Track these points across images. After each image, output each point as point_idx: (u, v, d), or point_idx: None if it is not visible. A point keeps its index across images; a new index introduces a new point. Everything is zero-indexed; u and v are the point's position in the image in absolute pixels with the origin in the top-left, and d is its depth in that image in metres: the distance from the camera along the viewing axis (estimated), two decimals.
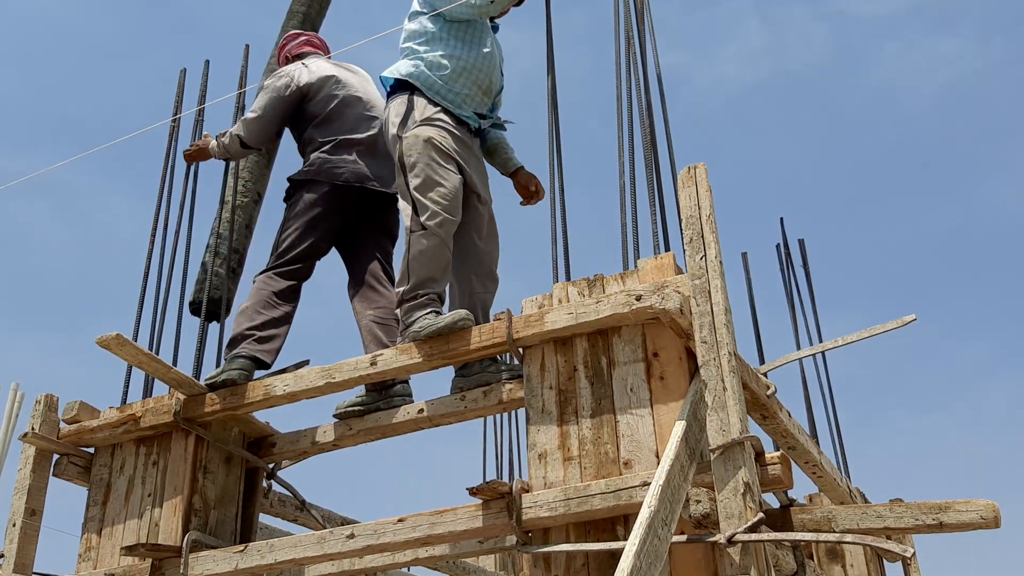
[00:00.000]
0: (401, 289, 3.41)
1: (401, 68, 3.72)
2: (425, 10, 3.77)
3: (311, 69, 4.11)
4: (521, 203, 3.96)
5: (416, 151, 3.52)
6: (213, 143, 4.20)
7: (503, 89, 3.91)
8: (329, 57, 4.39)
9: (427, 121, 3.58)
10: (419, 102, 3.63)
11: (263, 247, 4.26)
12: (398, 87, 3.72)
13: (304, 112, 4.07)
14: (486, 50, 3.75)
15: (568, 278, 3.21)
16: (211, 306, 3.96)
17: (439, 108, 3.62)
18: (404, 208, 3.53)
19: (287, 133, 4.24)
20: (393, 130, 3.63)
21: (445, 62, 3.66)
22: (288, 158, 4.37)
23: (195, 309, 3.99)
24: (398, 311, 3.43)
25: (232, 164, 4.25)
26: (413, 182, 3.49)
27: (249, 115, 4.08)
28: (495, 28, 3.98)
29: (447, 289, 3.50)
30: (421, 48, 3.72)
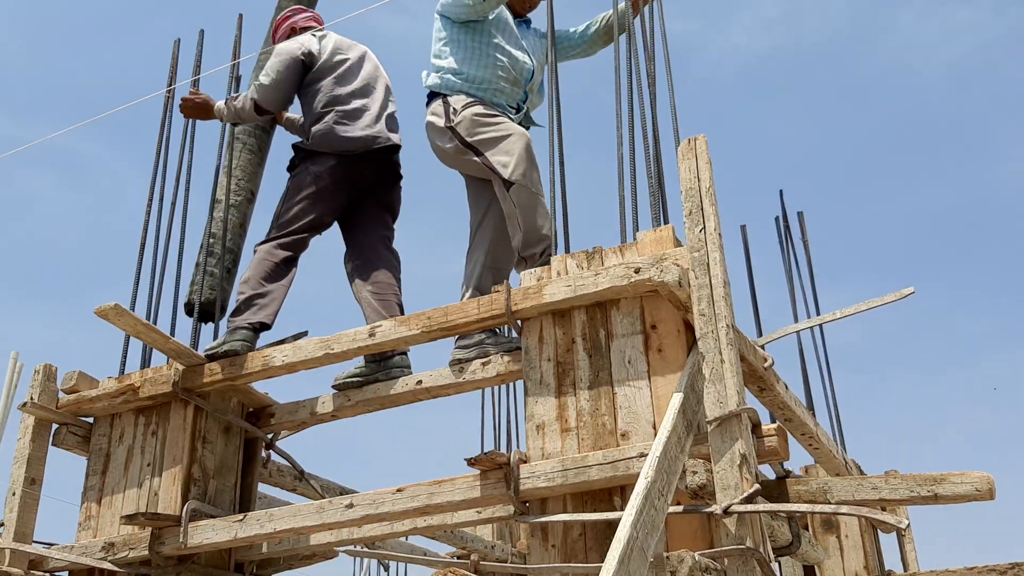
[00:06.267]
0: (517, 247, 3.49)
1: (429, 79, 3.85)
2: (437, 16, 3.90)
3: (320, 40, 4.12)
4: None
5: (470, 126, 3.62)
6: (220, 104, 4.18)
7: (535, 80, 3.93)
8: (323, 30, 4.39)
9: (467, 106, 3.68)
10: (453, 99, 3.73)
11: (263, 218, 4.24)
12: (431, 97, 3.83)
13: (312, 81, 4.06)
14: (506, 44, 3.81)
15: (567, 250, 3.21)
16: (206, 307, 3.94)
17: (473, 99, 3.72)
18: (494, 182, 3.58)
19: (280, 132, 4.24)
20: (441, 123, 3.70)
21: (462, 66, 3.76)
22: (281, 156, 4.35)
23: (190, 310, 3.96)
24: (515, 268, 3.49)
25: (224, 162, 4.16)
26: (482, 151, 3.59)
27: (263, 80, 4.05)
28: (527, 22, 4.07)
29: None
30: (442, 54, 3.85)
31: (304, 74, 4.06)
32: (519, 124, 3.90)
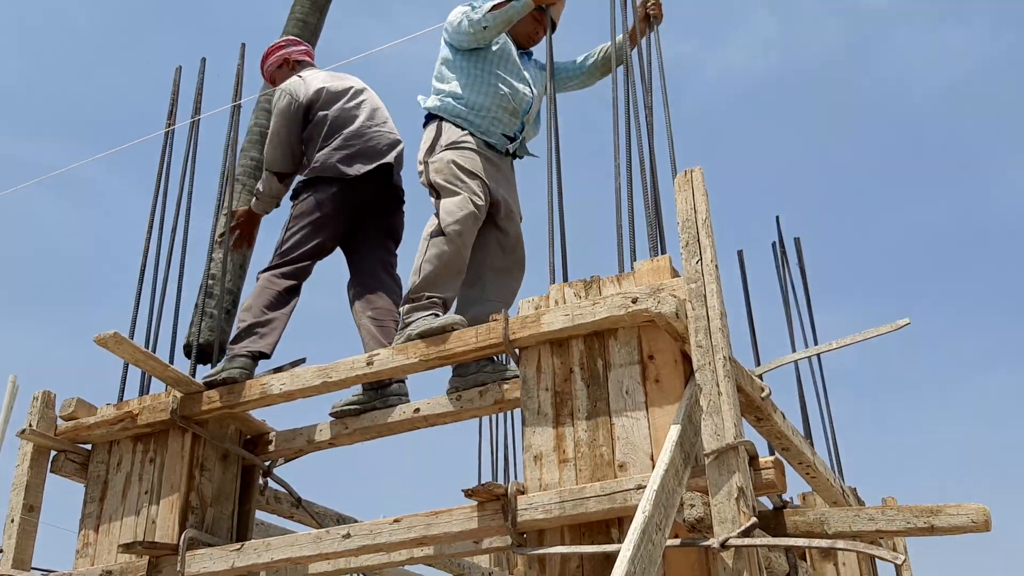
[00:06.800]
0: (408, 288, 3.47)
1: (429, 101, 3.89)
2: (444, 43, 3.95)
3: (307, 82, 4.15)
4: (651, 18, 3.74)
5: (442, 172, 3.66)
6: (253, 201, 4.24)
7: (532, 110, 3.97)
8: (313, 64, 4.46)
9: (453, 145, 3.72)
10: (446, 127, 3.78)
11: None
12: (428, 118, 3.88)
13: (311, 117, 4.10)
14: (507, 74, 3.87)
15: (565, 279, 3.22)
16: (204, 348, 3.94)
17: (466, 132, 3.76)
18: (430, 222, 3.62)
19: None
20: (421, 156, 3.78)
21: (464, 92, 3.81)
22: None
23: (188, 352, 3.96)
24: (402, 309, 3.47)
25: (225, 202, 4.17)
26: (438, 199, 3.61)
27: (267, 149, 4.14)
28: (529, 54, 4.13)
29: (455, 299, 3.58)
30: (444, 78, 3.90)
31: (304, 120, 4.10)
32: (514, 154, 3.94)
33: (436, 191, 3.66)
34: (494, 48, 3.90)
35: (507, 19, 3.83)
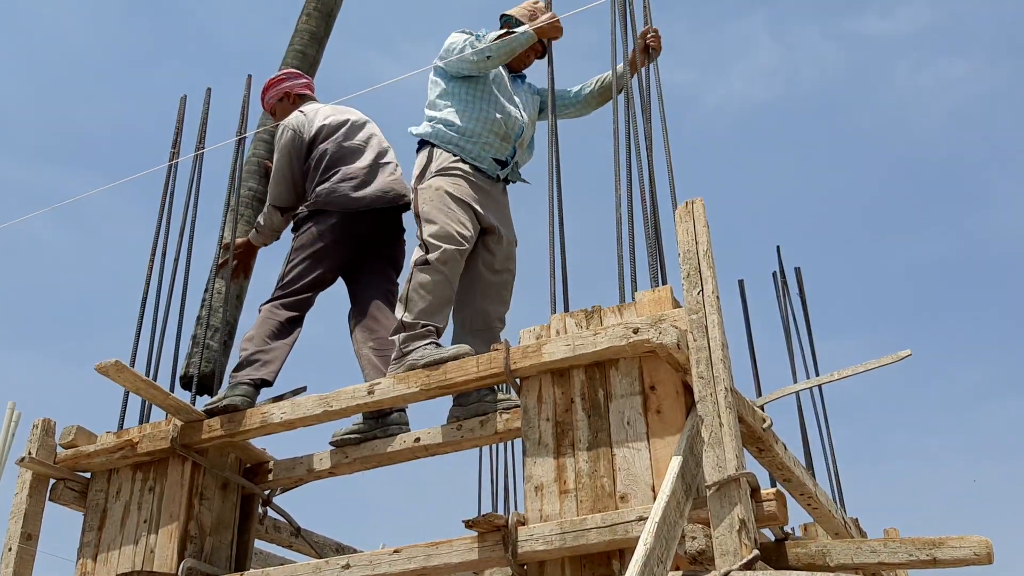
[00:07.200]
0: (401, 317, 3.46)
1: (421, 128, 3.91)
2: (438, 70, 3.97)
3: (309, 116, 4.18)
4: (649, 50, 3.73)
5: (430, 201, 3.67)
6: (252, 233, 4.25)
7: (524, 135, 3.99)
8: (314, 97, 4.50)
9: (443, 172, 3.74)
10: (437, 154, 3.80)
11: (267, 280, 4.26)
12: (420, 144, 3.90)
13: (312, 150, 4.12)
14: (500, 99, 3.90)
15: (566, 309, 3.22)
16: (203, 380, 3.93)
17: (457, 158, 3.78)
18: (416, 252, 3.64)
19: None
20: (412, 182, 3.80)
21: (456, 118, 3.83)
22: None
23: (186, 383, 3.95)
24: (396, 338, 3.46)
25: (227, 233, 4.18)
26: (425, 228, 3.62)
27: (271, 185, 4.18)
28: (522, 77, 4.17)
29: (446, 327, 3.59)
30: (437, 105, 3.92)
31: (306, 154, 4.12)
32: (506, 179, 3.95)
33: (423, 220, 3.66)
34: (489, 73, 3.93)
35: (510, 50, 3.87)
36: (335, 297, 4.13)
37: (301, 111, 4.22)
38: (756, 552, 2.36)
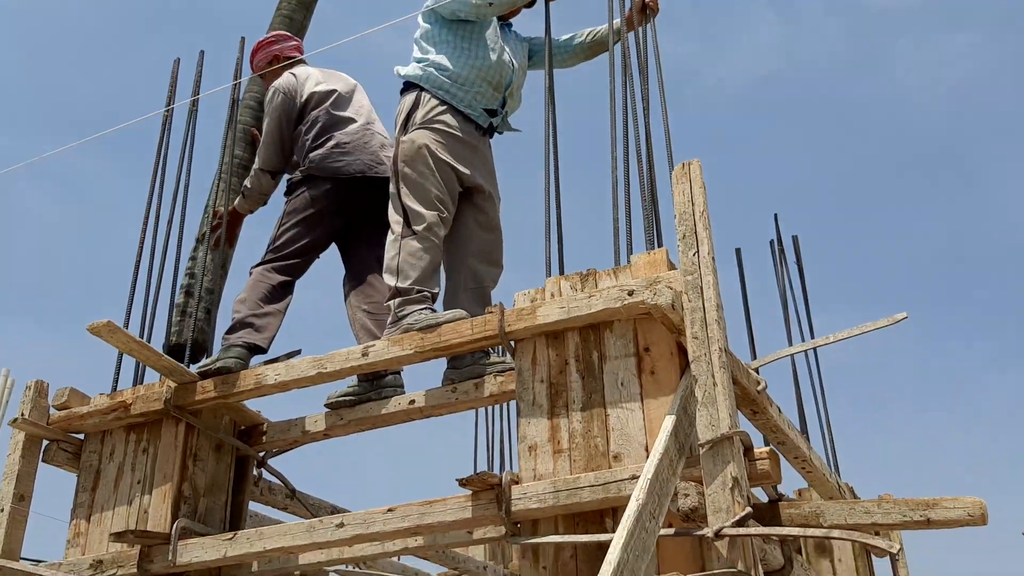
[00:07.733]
0: (394, 284, 3.44)
1: (409, 68, 3.81)
2: (428, 14, 3.85)
3: (300, 80, 4.13)
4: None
5: (410, 159, 3.59)
6: (238, 199, 4.19)
7: (514, 84, 3.91)
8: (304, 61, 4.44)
9: (428, 123, 3.65)
10: (424, 99, 3.71)
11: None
12: (406, 87, 3.80)
13: (304, 114, 4.08)
14: (491, 47, 3.80)
15: (561, 272, 3.21)
16: (193, 348, 3.86)
17: (445, 107, 3.69)
18: (393, 216, 3.59)
19: None
20: (395, 129, 3.72)
21: (449, 62, 3.73)
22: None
23: (171, 352, 3.91)
24: (391, 303, 3.45)
25: (209, 201, 4.14)
26: (404, 191, 3.57)
27: (260, 149, 4.12)
28: (508, 26, 4.07)
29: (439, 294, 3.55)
30: (428, 48, 3.81)
31: (297, 117, 4.08)
32: (495, 129, 3.89)
33: (399, 176, 3.59)
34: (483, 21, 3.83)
35: (512, 0, 3.81)
36: (329, 264, 4.12)
37: (292, 73, 4.18)
38: (749, 509, 2.36)
